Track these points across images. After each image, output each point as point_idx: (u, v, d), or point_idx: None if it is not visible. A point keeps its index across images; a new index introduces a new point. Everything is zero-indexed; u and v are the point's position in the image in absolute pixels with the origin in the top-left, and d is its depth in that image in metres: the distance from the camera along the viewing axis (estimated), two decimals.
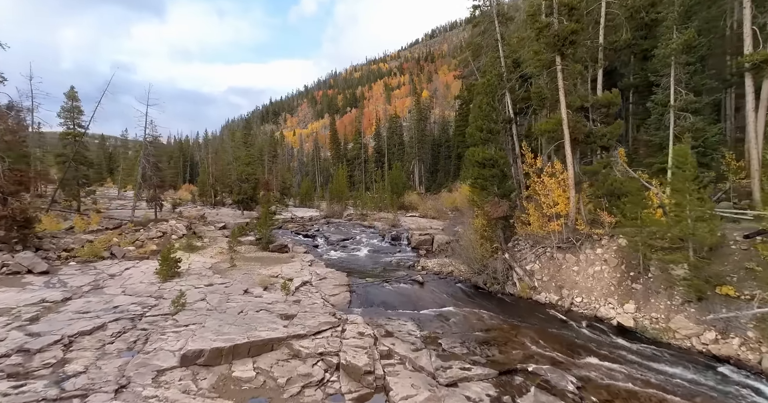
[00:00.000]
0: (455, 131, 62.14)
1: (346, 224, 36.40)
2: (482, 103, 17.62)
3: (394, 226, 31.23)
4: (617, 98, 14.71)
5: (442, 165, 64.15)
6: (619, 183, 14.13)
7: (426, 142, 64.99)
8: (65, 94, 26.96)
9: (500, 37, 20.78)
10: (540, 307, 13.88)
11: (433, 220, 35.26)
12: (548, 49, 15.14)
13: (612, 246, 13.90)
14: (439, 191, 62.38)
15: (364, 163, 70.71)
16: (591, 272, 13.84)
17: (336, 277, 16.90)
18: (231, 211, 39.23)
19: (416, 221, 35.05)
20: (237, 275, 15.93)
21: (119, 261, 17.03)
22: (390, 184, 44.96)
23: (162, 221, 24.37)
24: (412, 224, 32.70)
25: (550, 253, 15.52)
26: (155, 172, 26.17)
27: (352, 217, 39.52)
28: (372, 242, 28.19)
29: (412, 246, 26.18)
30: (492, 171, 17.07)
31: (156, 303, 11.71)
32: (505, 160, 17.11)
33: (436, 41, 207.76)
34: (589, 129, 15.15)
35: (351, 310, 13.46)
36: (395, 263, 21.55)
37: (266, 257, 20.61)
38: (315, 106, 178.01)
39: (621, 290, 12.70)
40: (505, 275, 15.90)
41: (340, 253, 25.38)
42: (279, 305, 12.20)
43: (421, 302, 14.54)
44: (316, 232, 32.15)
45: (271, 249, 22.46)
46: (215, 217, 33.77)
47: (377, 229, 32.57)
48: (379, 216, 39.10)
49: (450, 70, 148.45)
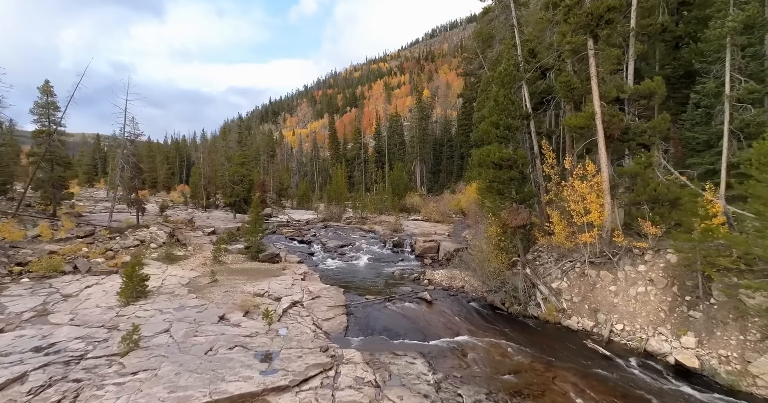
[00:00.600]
0: (458, 130, 59.87)
1: (345, 228, 34.12)
2: (499, 96, 15.33)
3: (396, 231, 28.94)
4: (661, 87, 12.43)
5: (444, 165, 61.87)
6: (665, 187, 11.85)
7: (428, 141, 62.73)
8: (38, 88, 24.67)
9: (516, 22, 18.49)
10: (572, 335, 11.60)
11: (438, 224, 32.98)
12: (579, 30, 12.85)
13: (658, 263, 11.61)
14: (442, 192, 60.09)
15: (364, 163, 68.43)
16: (633, 294, 11.56)
17: (331, 295, 14.61)
18: (223, 214, 36.93)
19: (419, 224, 32.76)
20: (216, 294, 13.65)
21: (82, 276, 14.74)
22: (391, 186, 42.69)
23: (143, 228, 22.08)
24: (414, 229, 30.42)
25: (581, 269, 13.24)
26: (135, 174, 23.88)
27: (352, 220, 37.24)
28: (372, 249, 25.90)
29: (416, 254, 23.90)
30: (510, 173, 14.78)
31: (106, 337, 9.43)
32: (526, 161, 14.82)
33: (436, 41, 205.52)
34: (626, 124, 12.86)
35: (348, 339, 11.19)
36: (398, 275, 19.26)
37: (254, 269, 18.32)
38: (314, 106, 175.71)
39: (674, 317, 10.42)
40: (526, 293, 13.62)
41: (337, 262, 23.11)
42: (259, 337, 9.92)
43: (431, 327, 12.25)
44: (312, 237, 29.86)
45: (261, 259, 20.17)
46: (205, 221, 31.48)
47: (378, 234, 30.30)
48: (379, 219, 36.83)
49: (451, 69, 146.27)
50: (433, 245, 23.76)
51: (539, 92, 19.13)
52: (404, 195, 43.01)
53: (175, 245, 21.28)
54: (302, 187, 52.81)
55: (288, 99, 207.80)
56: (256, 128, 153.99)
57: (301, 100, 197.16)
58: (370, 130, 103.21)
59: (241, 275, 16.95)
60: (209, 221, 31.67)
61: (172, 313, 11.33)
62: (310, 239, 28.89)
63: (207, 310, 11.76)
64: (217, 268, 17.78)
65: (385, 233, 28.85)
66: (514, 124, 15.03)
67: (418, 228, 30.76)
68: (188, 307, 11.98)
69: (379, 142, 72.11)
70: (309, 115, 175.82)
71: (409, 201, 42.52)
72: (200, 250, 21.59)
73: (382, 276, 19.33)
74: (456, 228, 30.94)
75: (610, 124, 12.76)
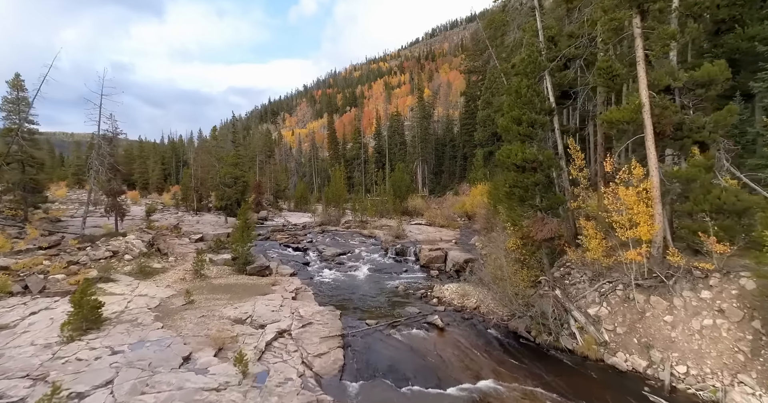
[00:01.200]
0: (461, 130, 57.61)
1: (344, 233, 31.85)
2: (521, 87, 13.05)
3: (398, 237, 26.66)
4: (724, 73, 10.16)
5: (447, 166, 59.61)
6: (732, 195, 9.58)
7: (429, 141, 60.45)
8: (8, 82, 22.41)
9: (538, 3, 16.18)
10: (622, 378, 9.33)
11: (442, 229, 30.70)
12: (623, 5, 10.58)
13: (729, 289, 9.34)
14: (444, 194, 57.80)
15: (363, 163, 66.19)
16: (697, 327, 9.30)
17: (326, 320, 12.33)
18: (215, 218, 34.63)
19: (423, 229, 30.48)
20: (188, 322, 11.37)
21: (32, 298, 12.45)
22: (392, 187, 40.43)
23: (119, 236, 19.80)
24: (418, 234, 28.15)
25: (624, 292, 10.97)
26: (114, 176, 21.60)
27: (351, 224, 34.97)
28: (373, 258, 23.64)
29: (421, 264, 21.64)
30: (534, 177, 12.52)
31: (25, 394, 7.15)
32: (553, 163, 12.56)
33: (436, 40, 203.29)
34: (680, 118, 10.59)
35: (343, 385, 8.93)
36: (403, 291, 16.99)
37: (240, 285, 16.05)
38: (314, 106, 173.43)
39: (760, 363, 8.15)
40: (558, 320, 11.34)
41: (334, 273, 20.87)
42: (230, 392, 7.64)
43: (446, 366, 9.98)
44: (308, 244, 27.58)
45: (248, 272, 17.89)
46: (194, 226, 29.18)
47: (379, 240, 28.04)
48: (380, 223, 34.57)
49: (452, 68, 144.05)
50: (440, 254, 21.49)
51: (563, 84, 16.83)
52: (406, 197, 40.75)
53: (155, 256, 19.01)
54: (300, 189, 50.55)
55: (287, 99, 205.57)
56: (254, 128, 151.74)
57: (300, 99, 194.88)
58: (370, 129, 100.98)
59: (224, 293, 14.66)
60: (198, 226, 29.38)
61: (125, 352, 9.05)
62: (306, 246, 26.60)
63: (170, 347, 9.47)
64: (197, 284, 15.51)
65: (386, 239, 26.57)
66: (539, 119, 12.76)
67: (421, 233, 28.49)
68: (148, 342, 9.70)
69: (380, 141, 69.84)
70: (308, 115, 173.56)
71: (411, 203, 40.27)
72: (183, 260, 19.31)
73: (384, 292, 17.07)
74: (463, 234, 28.67)
75: (661, 117, 10.48)
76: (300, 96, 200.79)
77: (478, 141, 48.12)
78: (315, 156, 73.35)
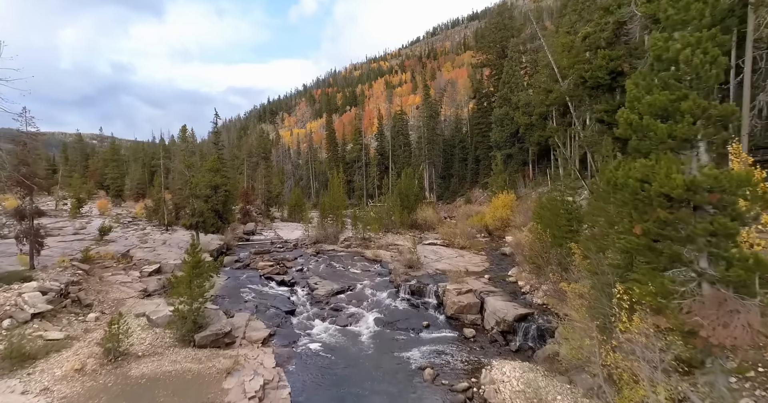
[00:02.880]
0: (472, 130, 51.39)
1: (343, 255, 25.71)
2: (695, 50, 6.75)
3: (412, 266, 20.44)
4: None
5: (456, 169, 53.43)
6: None
7: (437, 142, 54.20)
8: None
9: None
10: None
11: (464, 252, 24.49)
12: None
13: None
14: (454, 200, 51.60)
15: (365, 166, 59.99)
16: None
17: None
18: (188, 236, 28.35)
19: (440, 252, 24.30)
20: None
21: None
22: (399, 196, 34.21)
23: (20, 281, 13.54)
24: (435, 260, 21.99)
25: None
26: (26, 191, 15.34)
27: (351, 241, 28.79)
28: (381, 300, 17.47)
29: (447, 314, 15.46)
30: (713, 223, 6.31)
31: None
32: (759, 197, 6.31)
33: (438, 39, 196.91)
34: None
35: None
36: (431, 379, 10.80)
37: (175, 377, 9.84)
38: (313, 105, 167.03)
39: None
40: None
41: (327, 326, 14.84)
42: None
43: None
44: (297, 273, 21.42)
45: (198, 343, 11.70)
46: (156, 249, 22.93)
47: (386, 266, 21.94)
48: (386, 241, 28.40)
49: (455, 67, 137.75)
50: (473, 302, 15.29)
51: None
52: (415, 207, 34.56)
53: (65, 313, 12.79)
54: (294, 196, 44.29)
55: (287, 98, 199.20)
56: (252, 128, 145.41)
57: (300, 99, 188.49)
58: (371, 129, 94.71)
59: (139, 401, 8.49)
60: (162, 249, 23.10)
61: None
62: (294, 279, 20.40)
63: None
64: (101, 381, 9.32)
65: (396, 270, 20.36)
66: (717, 111, 6.50)
67: (439, 259, 22.32)
68: None
69: (382, 143, 63.66)
70: (308, 115, 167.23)
71: (421, 215, 34.08)
72: (113, 315, 13.10)
73: (400, 370, 10.99)
74: (492, 260, 22.47)
75: None
76: (299, 95, 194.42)
77: (495, 142, 41.93)
78: (312, 158, 67.06)
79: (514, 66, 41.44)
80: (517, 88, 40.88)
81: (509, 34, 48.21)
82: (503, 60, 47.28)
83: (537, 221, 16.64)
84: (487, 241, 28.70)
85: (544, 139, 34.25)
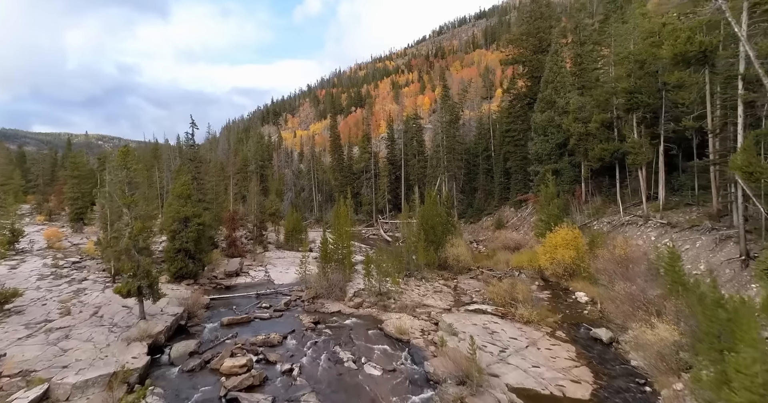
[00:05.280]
0: (502, 137, 43.04)
1: (352, 327, 17.62)
2: None
3: (465, 380, 12.23)
4: None
5: (481, 183, 45.04)
6: None
7: (458, 151, 45.78)
8: None
9: None
10: None
11: (530, 328, 16.23)
12: None
13: None
14: (479, 219, 43.20)
15: (374, 178, 51.73)
16: None
17: None
18: None
19: (494, 331, 16.10)
20: None
21: None
22: (422, 227, 25.99)
23: None
24: (496, 358, 13.82)
25: None
26: None
27: (363, 298, 20.70)
28: None
29: None
30: None
31: None
32: None
33: (444, 38, 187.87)
34: None
35: None
36: None
37: None
38: (317, 106, 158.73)
39: None
40: None
41: None
42: None
43: None
44: (283, 378, 13.28)
45: None
46: (69, 337, 14.83)
47: (419, 358, 13.89)
48: (411, 299, 20.32)
49: (464, 66, 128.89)
50: None
51: None
52: (443, 242, 26.37)
53: None
54: (291, 220, 36.08)
55: (290, 99, 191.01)
56: (253, 131, 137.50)
57: (303, 100, 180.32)
58: (377, 131, 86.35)
59: None
60: (75, 339, 14.91)
61: None
62: (276, 391, 12.26)
63: None
64: None
65: (442, 383, 12.18)
66: None
67: (502, 352, 14.12)
68: None
69: (393, 150, 55.36)
70: (311, 116, 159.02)
71: (452, 252, 25.86)
72: None
73: None
74: (587, 354, 14.21)
75: None
76: (303, 96, 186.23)
77: (536, 155, 33.46)
78: (315, 167, 58.84)
79: (559, 61, 32.94)
80: (563, 88, 32.45)
81: (547, 25, 39.68)
82: (540, 55, 38.81)
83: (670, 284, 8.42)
84: (548, 296, 20.51)
85: (614, 154, 25.86)
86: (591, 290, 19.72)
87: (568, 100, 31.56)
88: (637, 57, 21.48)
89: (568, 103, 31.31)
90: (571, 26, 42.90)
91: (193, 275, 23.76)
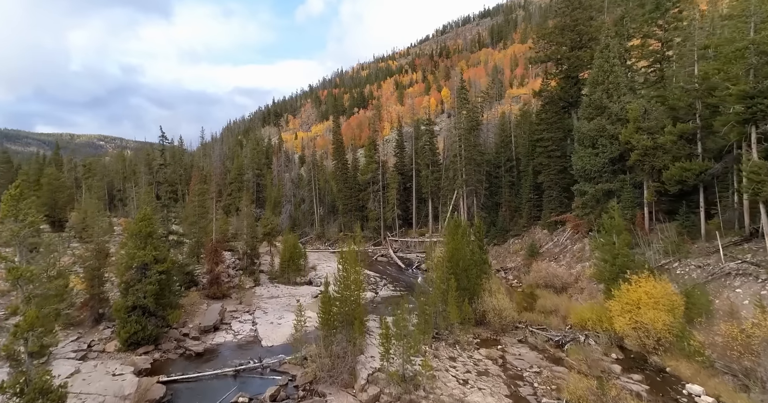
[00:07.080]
0: (530, 146, 36.78)
1: None
2: None
3: None
4: None
5: (506, 199, 38.74)
6: None
7: (479, 163, 39.41)
8: None
9: None
10: None
11: None
12: None
13: None
14: (505, 240, 36.98)
15: (382, 190, 45.50)
16: None
17: None
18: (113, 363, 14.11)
19: None
20: None
21: None
22: (452, 270, 19.72)
23: None
24: None
25: None
26: None
27: (379, 391, 14.48)
28: None
29: None
30: None
31: None
32: None
33: (448, 37, 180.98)
34: None
35: None
36: None
37: None
38: (319, 107, 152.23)
39: None
40: None
41: None
42: None
43: None
44: None
45: None
46: None
47: None
48: (448, 392, 14.10)
49: (470, 66, 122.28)
50: None
51: None
52: (477, 290, 20.19)
53: None
54: (288, 247, 29.79)
55: (291, 100, 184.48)
56: (253, 132, 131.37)
57: (305, 100, 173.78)
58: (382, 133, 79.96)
59: None
60: None
61: None
62: None
63: None
64: None
65: None
66: None
67: None
68: None
69: (402, 158, 49.07)
70: (313, 117, 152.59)
71: (491, 303, 19.66)
72: None
73: None
74: None
75: None
76: (305, 97, 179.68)
77: (582, 171, 27.15)
78: (316, 176, 52.54)
79: (611, 58, 26.56)
80: (617, 90, 26.12)
81: (587, 15, 33.27)
82: (580, 51, 32.44)
83: None
84: (642, 385, 14.24)
85: (700, 176, 19.60)
86: (709, 380, 13.53)
87: (623, 105, 25.31)
88: (762, 47, 15.22)
89: (624, 109, 25.07)
90: (611, 18, 36.61)
91: (153, 340, 17.61)
